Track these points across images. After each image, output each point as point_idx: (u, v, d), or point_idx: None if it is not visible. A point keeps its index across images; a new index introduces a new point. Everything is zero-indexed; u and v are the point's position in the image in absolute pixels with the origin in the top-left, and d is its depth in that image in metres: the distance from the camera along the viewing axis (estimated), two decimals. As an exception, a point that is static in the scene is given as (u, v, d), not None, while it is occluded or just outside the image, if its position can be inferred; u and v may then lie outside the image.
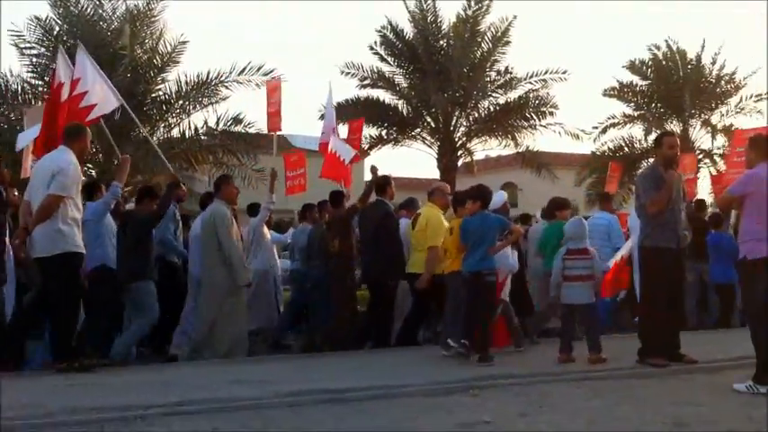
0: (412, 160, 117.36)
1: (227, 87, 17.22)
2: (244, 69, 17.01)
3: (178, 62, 17.49)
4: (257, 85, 16.99)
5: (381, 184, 9.31)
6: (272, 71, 16.83)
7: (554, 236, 8.73)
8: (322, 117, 21.58)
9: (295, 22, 69.58)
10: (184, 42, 17.42)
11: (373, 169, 9.24)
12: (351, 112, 21.60)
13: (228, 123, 17.46)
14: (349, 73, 21.65)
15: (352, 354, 8.62)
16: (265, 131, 13.90)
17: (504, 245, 7.82)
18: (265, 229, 10.19)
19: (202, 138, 17.38)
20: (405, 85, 22.14)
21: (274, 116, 11.24)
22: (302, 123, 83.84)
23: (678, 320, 7.46)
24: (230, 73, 17.09)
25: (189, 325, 8.68)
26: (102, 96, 8.41)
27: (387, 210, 9.26)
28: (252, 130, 17.56)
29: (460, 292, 7.72)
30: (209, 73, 16.95)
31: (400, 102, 22.22)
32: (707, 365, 7.06)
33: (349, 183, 11.18)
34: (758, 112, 24.11)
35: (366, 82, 21.72)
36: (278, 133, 12.00)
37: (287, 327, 10.56)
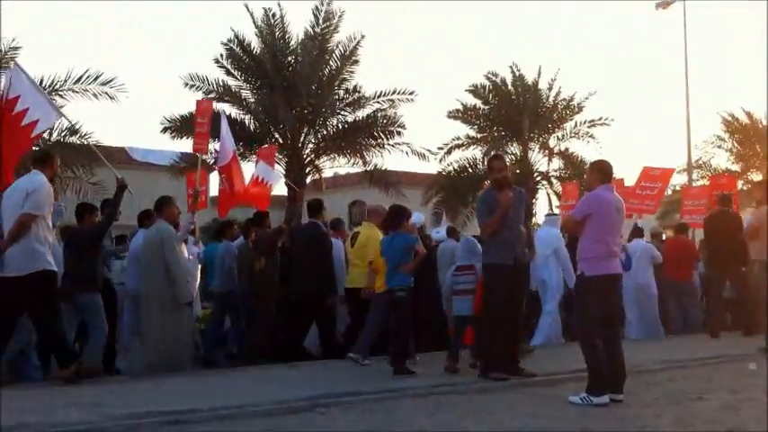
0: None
1: (61, 96, 16.34)
2: (81, 78, 16.26)
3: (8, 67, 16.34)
4: (95, 94, 16.22)
5: (315, 206, 9.90)
6: (111, 80, 16.19)
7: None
8: (166, 130, 21.11)
9: (138, 30, 67.28)
10: (16, 48, 16.42)
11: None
12: (193, 125, 21.03)
13: (63, 134, 16.53)
14: (193, 85, 20.96)
15: (213, 373, 8.64)
16: (104, 144, 13.23)
17: (411, 266, 8.00)
18: (183, 247, 9.65)
19: (34, 148, 16.30)
20: (252, 99, 21.79)
21: (202, 137, 10.97)
22: (144, 136, 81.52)
23: (517, 335, 7.61)
24: (65, 81, 16.30)
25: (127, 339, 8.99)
26: (42, 111, 8.31)
27: (320, 230, 9.67)
28: (91, 141, 16.63)
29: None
30: (42, 80, 15.90)
31: (247, 117, 21.82)
32: (545, 378, 7.23)
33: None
34: (590, 136, 25.51)
35: (211, 95, 21.06)
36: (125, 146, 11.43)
37: (215, 342, 10.42)
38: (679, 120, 53.76)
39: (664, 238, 13.70)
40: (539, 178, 26.06)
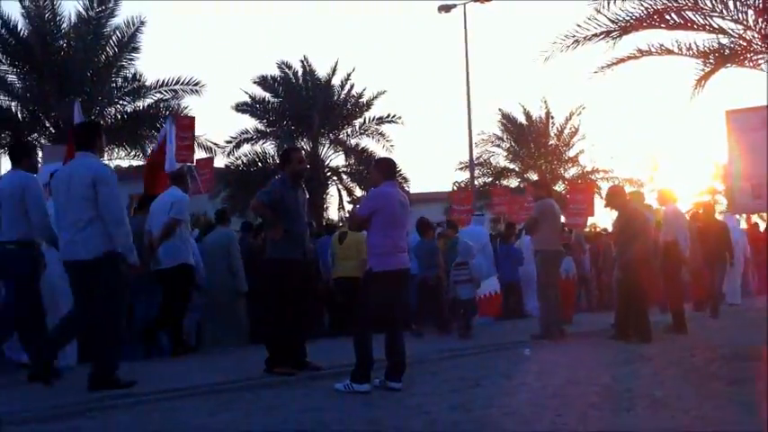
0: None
1: None
2: None
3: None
4: None
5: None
6: None
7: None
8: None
9: None
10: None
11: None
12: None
13: None
14: (-50, 69, 18.96)
15: None
16: None
17: None
18: None
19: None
20: (19, 85, 20.15)
21: (186, 149, 11.56)
22: None
23: (303, 329, 7.51)
24: None
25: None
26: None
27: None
28: None
29: None
30: None
31: (14, 104, 20.18)
32: (332, 371, 7.17)
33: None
34: (380, 134, 26.06)
35: (-28, 80, 19.29)
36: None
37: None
38: (461, 119, 56.76)
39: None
40: (329, 173, 26.27)
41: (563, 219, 12.18)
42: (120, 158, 22.67)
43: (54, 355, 6.69)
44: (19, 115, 20.17)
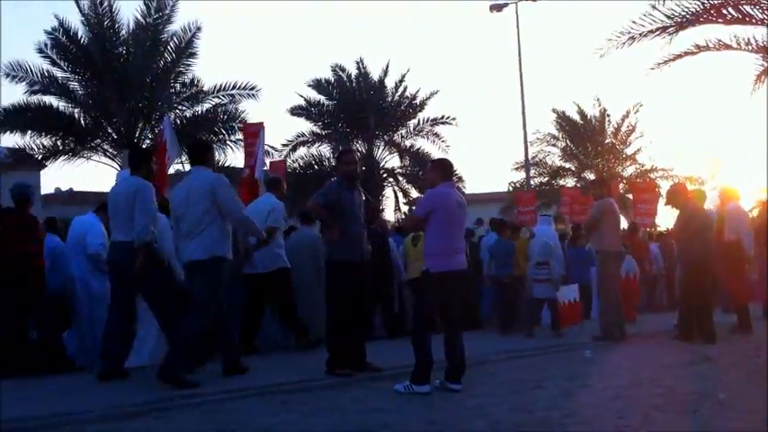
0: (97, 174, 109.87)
1: None
2: None
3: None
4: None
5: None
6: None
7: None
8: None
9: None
10: None
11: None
12: (19, 120, 19.67)
13: None
14: (15, 76, 19.41)
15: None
16: None
17: None
18: None
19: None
20: (81, 92, 20.56)
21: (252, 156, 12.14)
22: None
23: (363, 330, 7.55)
24: None
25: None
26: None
27: None
28: None
29: None
30: None
31: (77, 110, 20.61)
32: (392, 372, 7.19)
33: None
34: (435, 134, 26.05)
35: (36, 87, 19.77)
36: None
37: None
38: (516, 118, 56.32)
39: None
40: (385, 175, 26.36)
41: (631, 219, 12.09)
42: (179, 162, 23.09)
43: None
44: (82, 121, 20.65)
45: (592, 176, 28.07)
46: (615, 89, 62.41)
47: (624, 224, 15.26)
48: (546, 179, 30.30)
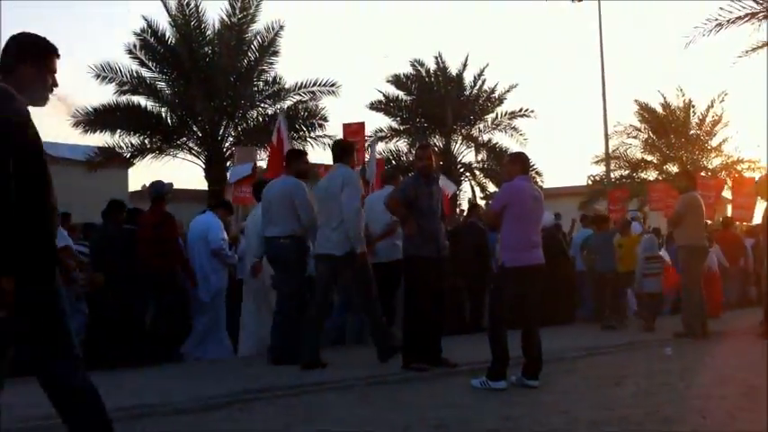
0: (182, 171, 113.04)
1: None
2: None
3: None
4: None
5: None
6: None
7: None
8: (78, 124, 20.33)
9: (49, 21, 64.71)
10: None
11: None
12: (108, 119, 20.39)
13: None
14: (105, 77, 20.13)
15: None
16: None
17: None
18: None
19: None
20: (168, 91, 21.16)
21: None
22: (65, 132, 78.18)
23: (439, 326, 7.59)
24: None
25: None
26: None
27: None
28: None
29: None
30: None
31: (164, 109, 21.23)
32: (467, 368, 7.22)
33: None
34: (513, 128, 25.80)
35: (125, 87, 20.47)
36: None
37: None
38: (595, 111, 55.23)
39: None
40: (462, 170, 26.28)
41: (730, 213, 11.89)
42: (261, 159, 23.57)
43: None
44: (168, 120, 21.27)
45: (675, 169, 27.32)
46: (699, 79, 60.50)
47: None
48: (626, 172, 29.59)
